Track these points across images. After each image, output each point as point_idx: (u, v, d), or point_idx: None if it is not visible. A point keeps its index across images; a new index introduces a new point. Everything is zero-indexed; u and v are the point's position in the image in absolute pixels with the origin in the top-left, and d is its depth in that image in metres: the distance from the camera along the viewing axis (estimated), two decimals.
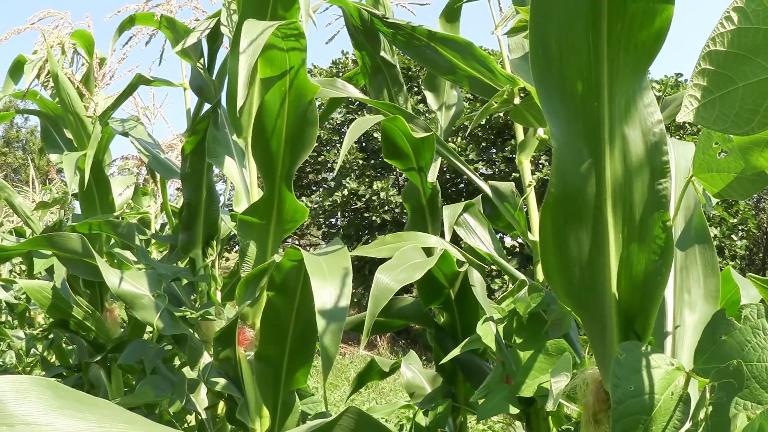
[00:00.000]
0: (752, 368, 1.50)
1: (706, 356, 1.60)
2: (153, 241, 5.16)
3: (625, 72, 1.66)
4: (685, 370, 1.62)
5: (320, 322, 2.30)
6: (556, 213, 1.79)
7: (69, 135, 4.65)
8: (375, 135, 17.35)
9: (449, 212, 3.46)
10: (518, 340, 2.59)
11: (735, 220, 16.92)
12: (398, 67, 3.87)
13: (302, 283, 2.95)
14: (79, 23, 4.53)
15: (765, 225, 20.19)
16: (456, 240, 3.46)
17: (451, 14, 4.15)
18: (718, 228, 16.76)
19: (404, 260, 2.71)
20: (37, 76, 4.44)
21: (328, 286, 2.38)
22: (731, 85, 1.32)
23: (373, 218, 17.80)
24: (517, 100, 3.06)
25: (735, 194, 1.77)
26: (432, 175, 3.49)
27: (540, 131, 3.22)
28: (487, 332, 2.65)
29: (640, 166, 1.73)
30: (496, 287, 14.82)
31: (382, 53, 3.77)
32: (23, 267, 8.77)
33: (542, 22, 1.67)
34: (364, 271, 17.70)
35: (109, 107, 3.86)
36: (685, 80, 17.51)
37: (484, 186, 3.37)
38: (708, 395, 1.54)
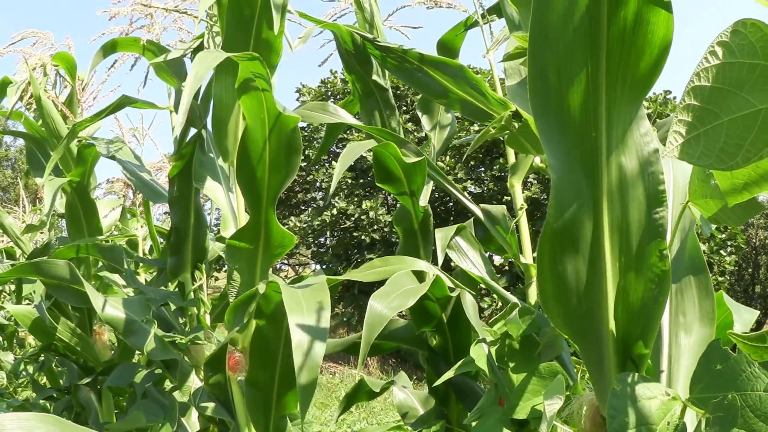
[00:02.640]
0: (746, 397, 1.50)
1: (701, 386, 1.60)
2: (141, 263, 5.13)
3: (623, 102, 1.68)
4: (681, 400, 1.61)
5: (297, 359, 2.28)
6: (554, 243, 1.81)
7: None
8: (364, 154, 17.34)
9: (441, 235, 3.46)
10: (511, 363, 2.59)
11: (723, 236, 16.92)
12: (390, 90, 3.86)
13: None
14: (60, 44, 4.53)
15: (754, 240, 20.21)
16: (447, 263, 3.46)
17: (448, 54, 4.15)
18: (707, 244, 16.76)
19: (397, 287, 2.70)
20: (20, 98, 4.42)
21: (305, 321, 2.37)
22: (716, 120, 1.32)
23: (362, 237, 17.77)
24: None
25: (729, 220, 1.77)
26: (424, 199, 3.48)
27: (536, 159, 3.22)
28: (480, 355, 2.65)
29: (637, 196, 1.75)
30: (486, 306, 14.81)
31: (374, 77, 3.76)
32: (13, 287, 8.75)
33: (541, 53, 1.69)
34: (353, 290, 17.70)
35: (86, 119, 3.82)
36: (674, 97, 17.53)
37: (476, 209, 3.37)
38: (703, 428, 1.54)
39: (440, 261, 3.35)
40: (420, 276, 3.07)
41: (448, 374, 2.85)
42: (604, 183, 1.75)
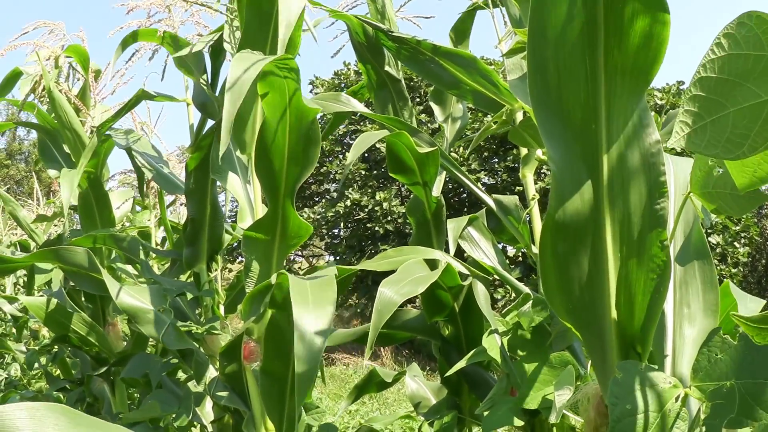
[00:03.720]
0: (747, 386, 1.53)
1: (702, 374, 1.62)
2: (153, 254, 5.14)
3: (623, 94, 1.71)
4: (682, 388, 1.64)
5: (297, 349, 2.31)
6: (555, 234, 1.83)
7: (67, 150, 4.65)
8: (377, 146, 17.27)
9: (453, 226, 3.47)
10: (522, 353, 2.61)
11: (737, 228, 16.87)
12: (403, 81, 3.88)
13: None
14: (72, 35, 4.54)
15: (767, 231, 20.12)
16: (460, 253, 3.47)
17: (460, 35, 4.17)
18: (721, 235, 16.71)
19: (408, 274, 2.72)
20: (32, 90, 4.44)
21: (309, 313, 2.41)
22: (722, 111, 1.34)
23: (376, 228, 17.73)
24: (520, 116, 3.08)
25: (731, 210, 1.79)
26: (437, 190, 3.50)
27: (539, 152, 3.23)
28: (492, 345, 2.67)
29: (638, 187, 1.77)
30: (499, 296, 14.77)
31: (387, 68, 3.78)
32: (25, 279, 8.77)
33: (540, 48, 1.72)
34: (367, 281, 17.66)
35: (108, 119, 3.85)
36: (688, 88, 17.45)
37: (488, 200, 3.38)
38: (702, 414, 1.57)
39: (452, 251, 3.36)
40: (432, 265, 3.09)
41: (461, 364, 2.87)
42: (604, 174, 1.78)
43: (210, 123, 3.86)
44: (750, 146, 1.32)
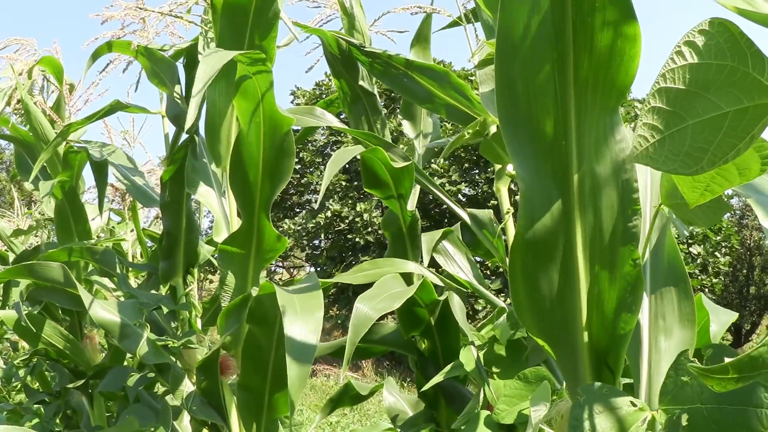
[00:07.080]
0: (710, 411, 1.52)
1: (669, 397, 1.61)
2: (129, 267, 5.11)
3: (594, 110, 1.68)
4: (648, 411, 1.63)
5: (289, 358, 2.30)
6: (525, 252, 1.80)
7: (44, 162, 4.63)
8: (358, 157, 17.21)
9: (427, 239, 3.47)
10: (497, 368, 2.60)
11: (718, 238, 16.92)
12: (377, 95, 3.87)
13: (281, 315, 2.96)
14: (44, 50, 4.52)
15: (748, 241, 20.18)
16: (435, 267, 3.47)
17: (421, 41, 4.16)
18: (702, 246, 16.76)
19: (384, 289, 2.72)
20: (8, 104, 4.42)
21: (299, 320, 2.40)
22: (681, 123, 1.29)
23: (357, 240, 17.74)
24: (494, 128, 3.07)
25: (699, 221, 1.78)
26: (411, 204, 3.49)
27: (509, 167, 3.22)
28: (469, 359, 2.66)
29: (610, 204, 1.75)
30: (480, 308, 14.77)
31: (361, 82, 3.77)
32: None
33: (508, 63, 1.69)
34: (348, 292, 17.67)
35: (77, 122, 3.81)
36: (646, 100, 17.48)
37: (463, 214, 3.37)
38: None
39: (425, 263, 3.36)
40: (408, 280, 3.08)
41: (436, 379, 2.87)
42: (575, 192, 1.75)
43: (185, 136, 3.83)
44: (709, 160, 1.29)
